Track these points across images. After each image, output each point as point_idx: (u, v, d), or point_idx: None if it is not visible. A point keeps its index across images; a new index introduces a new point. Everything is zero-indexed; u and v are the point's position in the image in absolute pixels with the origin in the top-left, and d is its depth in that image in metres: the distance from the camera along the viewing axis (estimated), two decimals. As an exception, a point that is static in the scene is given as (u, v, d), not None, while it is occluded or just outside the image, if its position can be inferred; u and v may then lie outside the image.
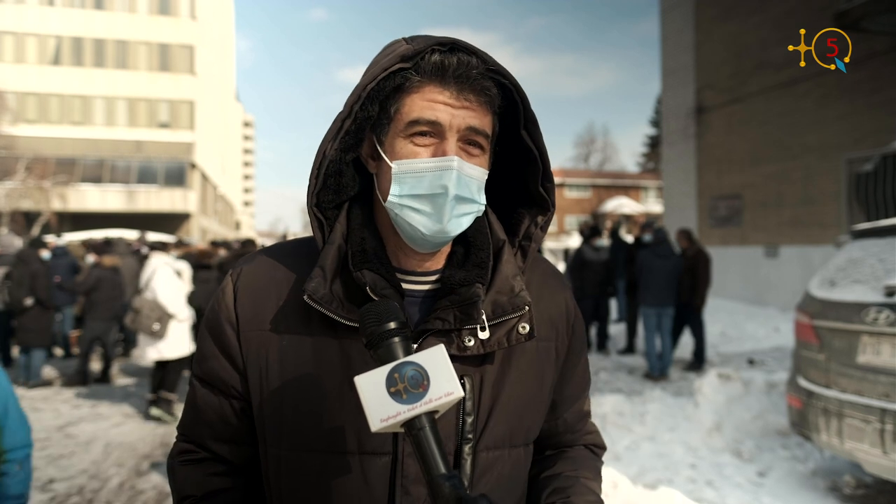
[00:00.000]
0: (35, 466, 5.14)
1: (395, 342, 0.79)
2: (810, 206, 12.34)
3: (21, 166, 28.08)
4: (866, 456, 3.65)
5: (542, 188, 1.01)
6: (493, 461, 0.97)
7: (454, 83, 0.90)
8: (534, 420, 1.04)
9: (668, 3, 16.54)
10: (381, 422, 0.74)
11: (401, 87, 0.91)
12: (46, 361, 8.88)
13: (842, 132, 11.63)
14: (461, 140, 0.91)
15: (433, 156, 0.90)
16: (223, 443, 1.02)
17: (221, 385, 0.99)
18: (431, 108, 0.90)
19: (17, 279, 7.94)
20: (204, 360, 1.01)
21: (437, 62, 0.89)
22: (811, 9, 11.56)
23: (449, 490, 0.70)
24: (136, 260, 10.14)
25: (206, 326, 1.02)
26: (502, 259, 1.00)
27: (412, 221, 0.91)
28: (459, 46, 0.90)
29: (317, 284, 0.91)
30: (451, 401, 0.76)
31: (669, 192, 16.69)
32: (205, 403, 1.01)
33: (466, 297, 0.94)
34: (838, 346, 3.95)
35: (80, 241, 14.44)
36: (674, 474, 4.64)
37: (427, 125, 0.90)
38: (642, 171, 56.15)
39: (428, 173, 0.90)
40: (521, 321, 0.96)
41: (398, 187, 0.91)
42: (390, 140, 0.93)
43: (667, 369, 8.03)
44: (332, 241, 0.96)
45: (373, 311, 0.82)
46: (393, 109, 0.92)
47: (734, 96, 14.15)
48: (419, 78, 0.90)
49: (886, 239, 4.01)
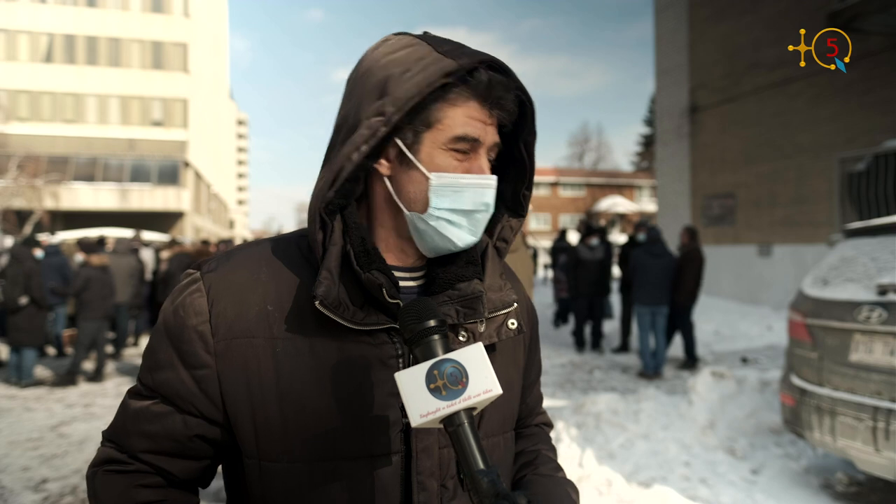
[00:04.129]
0: (28, 466, 5.13)
1: (434, 339, 0.80)
2: (803, 205, 12.41)
3: (13, 164, 27.87)
4: (859, 453, 3.67)
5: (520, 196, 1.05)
6: (492, 448, 0.99)
7: (492, 103, 0.92)
8: (514, 407, 1.09)
9: (661, 3, 16.58)
10: (420, 417, 0.76)
11: (441, 97, 0.91)
12: (39, 361, 8.84)
13: (834, 132, 11.69)
14: (487, 155, 0.95)
15: (468, 171, 0.93)
16: (164, 456, 0.92)
17: (177, 399, 0.91)
18: (472, 124, 0.91)
19: (12, 278, 7.89)
20: (158, 370, 0.92)
21: (485, 81, 0.91)
22: (804, 9, 11.61)
23: (488, 485, 0.72)
24: (135, 258, 10.11)
25: (165, 333, 0.92)
26: (488, 258, 1.03)
27: (447, 233, 0.93)
28: (496, 66, 0.93)
29: (327, 289, 0.87)
30: (489, 398, 0.77)
31: (663, 191, 16.74)
32: (149, 414, 0.92)
33: (468, 293, 0.96)
34: (831, 344, 3.97)
35: (76, 241, 14.35)
36: (668, 472, 4.66)
37: (471, 142, 0.92)
38: (636, 170, 56.27)
39: (468, 189, 0.92)
40: (510, 317, 1.01)
41: (438, 200, 0.91)
42: (427, 149, 0.92)
43: (661, 368, 8.06)
44: (334, 242, 0.92)
45: (412, 309, 0.82)
46: (433, 119, 0.91)
47: (728, 96, 14.20)
48: (467, 93, 0.91)
49: (879, 238, 4.03)
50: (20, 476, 4.93)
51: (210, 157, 45.11)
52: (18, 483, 4.78)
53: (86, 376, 8.30)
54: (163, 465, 0.93)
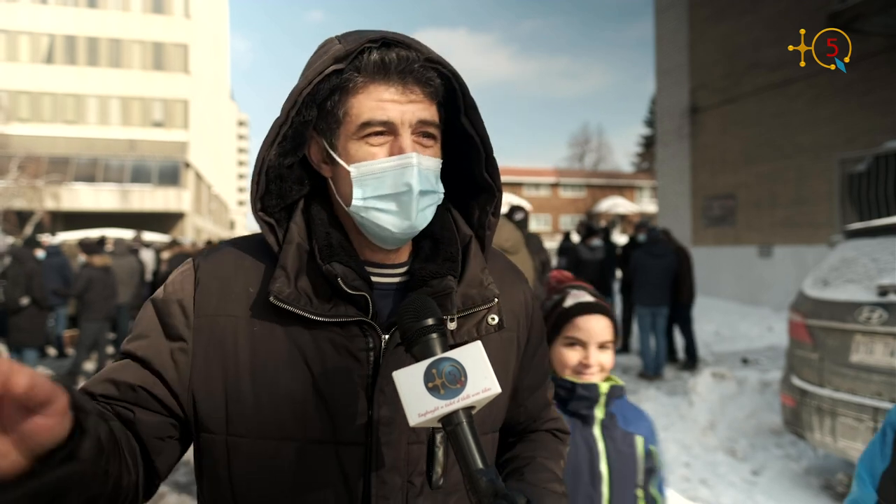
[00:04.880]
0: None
1: (432, 338, 0.80)
2: (803, 205, 12.40)
3: (14, 165, 27.88)
4: (859, 454, 3.67)
5: (486, 174, 1.02)
6: None
7: (398, 79, 0.90)
8: (499, 407, 1.06)
9: (662, 3, 16.59)
10: (419, 416, 0.75)
11: (343, 88, 0.91)
12: (40, 361, 8.84)
13: (834, 132, 11.69)
14: (414, 133, 0.92)
15: (390, 154, 0.91)
16: (125, 403, 0.91)
17: (147, 363, 0.93)
18: (381, 107, 0.90)
19: (13, 278, 7.89)
20: (139, 338, 0.95)
21: (377, 60, 0.89)
22: (804, 10, 11.61)
23: (486, 484, 0.71)
24: (135, 259, 10.12)
25: (153, 306, 0.97)
26: (470, 254, 1.02)
27: (380, 221, 0.92)
28: (392, 41, 0.90)
29: (281, 285, 0.91)
30: (488, 396, 0.77)
31: (664, 191, 16.74)
32: (121, 368, 0.94)
33: (439, 289, 0.95)
34: (832, 345, 3.97)
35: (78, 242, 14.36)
36: (668, 473, 4.66)
37: (380, 125, 0.90)
38: (637, 170, 56.26)
39: (389, 172, 0.90)
40: (490, 313, 1.00)
41: (360, 190, 0.92)
42: (343, 143, 0.93)
43: (661, 368, 8.06)
44: (289, 240, 0.95)
45: (410, 307, 0.82)
46: (340, 112, 0.92)
47: (728, 97, 14.20)
48: (362, 78, 0.90)
49: (879, 239, 4.03)
50: (21, 477, 4.93)
51: (211, 158, 45.14)
52: (19, 484, 4.78)
53: (86, 377, 8.30)
54: (120, 409, 0.91)
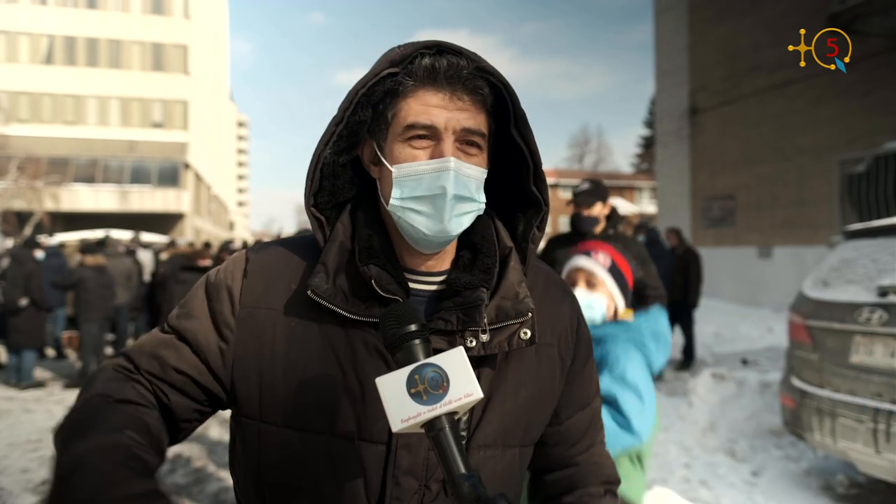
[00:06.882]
0: (27, 468, 5.12)
1: (415, 344, 0.80)
2: (803, 206, 12.41)
3: (13, 166, 27.84)
4: (859, 455, 3.67)
5: (534, 187, 1.01)
6: (485, 460, 0.98)
7: (447, 85, 0.92)
8: (531, 422, 1.05)
9: (661, 5, 16.60)
10: (401, 422, 0.75)
11: (394, 91, 0.93)
12: (38, 362, 8.83)
13: (834, 134, 11.69)
14: (458, 141, 0.93)
15: (431, 158, 0.92)
16: (165, 384, 0.97)
17: (195, 346, 0.98)
18: (426, 111, 0.92)
19: (12, 279, 7.88)
20: (187, 317, 1.00)
21: (428, 65, 0.91)
22: (804, 11, 11.62)
23: (468, 489, 0.71)
24: (131, 260, 10.09)
25: (205, 288, 1.02)
26: (509, 266, 1.02)
27: (413, 223, 0.94)
28: (446, 48, 0.92)
29: (320, 280, 0.94)
30: (470, 402, 0.77)
31: (663, 192, 16.74)
32: (169, 343, 0.99)
33: (470, 301, 0.96)
34: (831, 346, 3.97)
35: (78, 242, 14.34)
36: (668, 474, 4.65)
37: (423, 129, 0.92)
38: (636, 171, 56.26)
39: (426, 175, 0.92)
40: (524, 327, 0.98)
41: (398, 190, 0.93)
42: (389, 145, 0.95)
43: (661, 369, 8.05)
44: (333, 238, 0.99)
45: (393, 313, 0.83)
46: (390, 115, 0.94)
47: (727, 98, 14.21)
48: (412, 82, 0.92)
49: (879, 239, 4.03)
50: (19, 478, 4.92)
51: (210, 159, 45.13)
52: (17, 485, 4.77)
53: (85, 378, 8.29)
54: (161, 389, 0.97)
